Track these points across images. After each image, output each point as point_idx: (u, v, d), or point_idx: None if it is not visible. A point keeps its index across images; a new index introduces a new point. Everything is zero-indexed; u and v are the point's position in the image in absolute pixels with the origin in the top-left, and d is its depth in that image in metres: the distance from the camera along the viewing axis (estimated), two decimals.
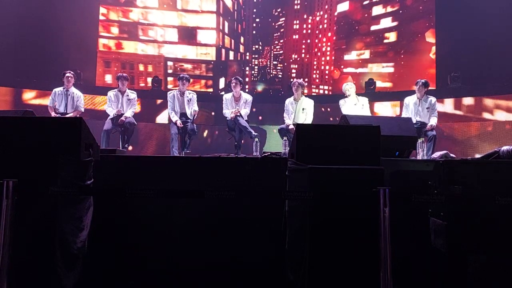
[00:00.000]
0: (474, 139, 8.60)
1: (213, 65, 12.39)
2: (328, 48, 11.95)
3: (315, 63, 12.08)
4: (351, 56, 11.75)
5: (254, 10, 12.41)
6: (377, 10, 11.54)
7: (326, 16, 12.13)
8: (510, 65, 8.24)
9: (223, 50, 12.74)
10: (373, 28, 11.46)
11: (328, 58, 11.95)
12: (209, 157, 4.15)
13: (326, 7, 12.09)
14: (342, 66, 11.59)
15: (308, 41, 12.23)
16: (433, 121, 6.44)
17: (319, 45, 12.10)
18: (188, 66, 12.24)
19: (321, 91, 11.87)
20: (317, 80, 12.03)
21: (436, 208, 2.68)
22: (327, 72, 11.94)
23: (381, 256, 2.32)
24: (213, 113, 10.53)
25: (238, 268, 3.29)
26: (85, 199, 2.74)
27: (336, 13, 11.87)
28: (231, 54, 12.72)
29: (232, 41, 12.88)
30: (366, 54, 11.54)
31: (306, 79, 11.78)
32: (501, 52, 8.34)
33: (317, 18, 12.27)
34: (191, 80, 9.16)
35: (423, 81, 6.59)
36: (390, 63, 10.99)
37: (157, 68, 11.73)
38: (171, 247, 3.34)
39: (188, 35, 12.25)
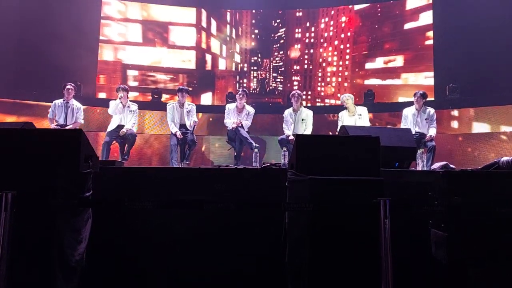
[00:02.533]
0: (474, 150, 8.61)
1: (194, 75, 10.73)
2: (335, 58, 11.09)
3: (319, 74, 11.31)
4: (376, 64, 10.25)
5: (253, 21, 11.76)
6: (413, 2, 9.79)
7: (332, 23, 11.20)
8: (508, 76, 8.28)
9: (209, 57, 11.15)
10: (408, 26, 9.82)
11: (334, 69, 11.08)
12: (209, 168, 4.15)
13: (332, 12, 11.19)
14: (348, 80, 10.77)
15: (311, 51, 11.45)
16: (432, 131, 6.45)
17: (324, 55, 11.27)
18: (161, 77, 10.25)
19: (327, 105, 11.03)
20: (322, 94, 11.19)
21: (436, 219, 2.67)
22: (333, 84, 11.13)
23: (382, 268, 2.31)
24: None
25: (237, 279, 3.28)
26: (84, 211, 2.73)
27: (343, 19, 10.83)
28: (222, 62, 11.47)
29: (224, 47, 11.62)
30: (398, 61, 9.94)
31: (310, 92, 11.24)
32: (499, 63, 8.38)
33: (322, 25, 11.40)
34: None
35: (421, 92, 6.64)
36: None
37: (113, 80, 9.37)
38: (171, 257, 3.32)
39: (157, 34, 10.09)
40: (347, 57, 10.99)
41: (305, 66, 11.50)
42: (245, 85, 11.55)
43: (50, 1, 9.22)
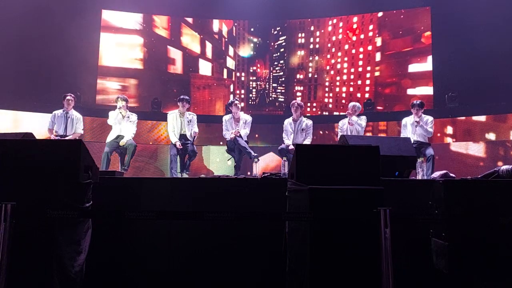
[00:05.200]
0: (473, 158, 8.61)
1: (140, 81, 9.19)
2: (345, 65, 10.39)
3: (326, 84, 10.61)
4: (425, 65, 9.41)
5: (252, 30, 11.15)
6: (414, 10, 9.30)
7: (341, 24, 10.45)
8: (507, 84, 8.31)
9: (178, 53, 9.59)
10: (408, 34, 9.33)
11: (345, 77, 10.37)
12: (209, 178, 4.14)
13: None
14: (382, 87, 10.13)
15: (316, 58, 10.75)
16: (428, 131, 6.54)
17: (332, 61, 10.57)
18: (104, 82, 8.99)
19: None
20: (330, 105, 10.47)
21: (437, 228, 2.66)
22: (343, 95, 10.34)
23: (382, 277, 2.30)
24: None
25: None
26: (83, 222, 2.72)
27: (355, 19, 9.99)
28: (205, 66, 10.11)
29: (210, 45, 10.40)
30: (403, 70, 9.37)
31: (315, 104, 10.73)
32: (498, 72, 8.42)
33: (329, 28, 10.60)
34: None
35: (418, 102, 6.68)
36: None
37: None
38: (171, 267, 3.31)
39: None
40: (360, 63, 10.44)
41: (309, 75, 10.86)
42: (242, 96, 10.98)
43: (51, 11, 9.26)
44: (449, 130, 9.06)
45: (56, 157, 2.61)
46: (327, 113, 10.66)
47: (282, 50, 11.20)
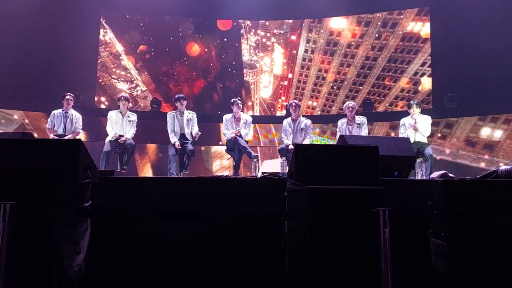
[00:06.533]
0: (472, 158, 8.62)
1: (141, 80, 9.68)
2: (349, 63, 10.41)
3: (329, 83, 10.58)
4: (425, 65, 9.73)
5: (251, 29, 11.05)
6: (413, 11, 9.62)
7: (343, 22, 10.46)
8: (505, 85, 8.33)
9: (178, 51, 10.19)
10: (407, 35, 9.60)
11: (349, 75, 10.44)
12: (208, 178, 4.14)
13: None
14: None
15: (318, 57, 10.68)
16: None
17: (336, 60, 10.50)
18: None
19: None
20: (332, 107, 10.47)
21: (436, 228, 2.66)
22: (348, 95, 10.34)
23: (382, 277, 2.30)
24: None
25: None
26: (82, 222, 2.72)
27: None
28: (203, 64, 10.37)
29: (209, 43, 10.60)
30: (401, 70, 9.72)
31: (316, 104, 10.66)
32: (498, 72, 8.43)
33: (331, 26, 10.56)
34: None
35: (415, 102, 6.69)
36: None
37: None
38: (169, 266, 3.31)
39: None
40: (362, 62, 10.42)
41: (311, 74, 10.74)
42: (239, 97, 10.91)
43: (51, 12, 9.27)
44: (448, 130, 9.06)
45: (55, 157, 2.61)
46: (327, 113, 10.63)
47: (282, 49, 11.11)
